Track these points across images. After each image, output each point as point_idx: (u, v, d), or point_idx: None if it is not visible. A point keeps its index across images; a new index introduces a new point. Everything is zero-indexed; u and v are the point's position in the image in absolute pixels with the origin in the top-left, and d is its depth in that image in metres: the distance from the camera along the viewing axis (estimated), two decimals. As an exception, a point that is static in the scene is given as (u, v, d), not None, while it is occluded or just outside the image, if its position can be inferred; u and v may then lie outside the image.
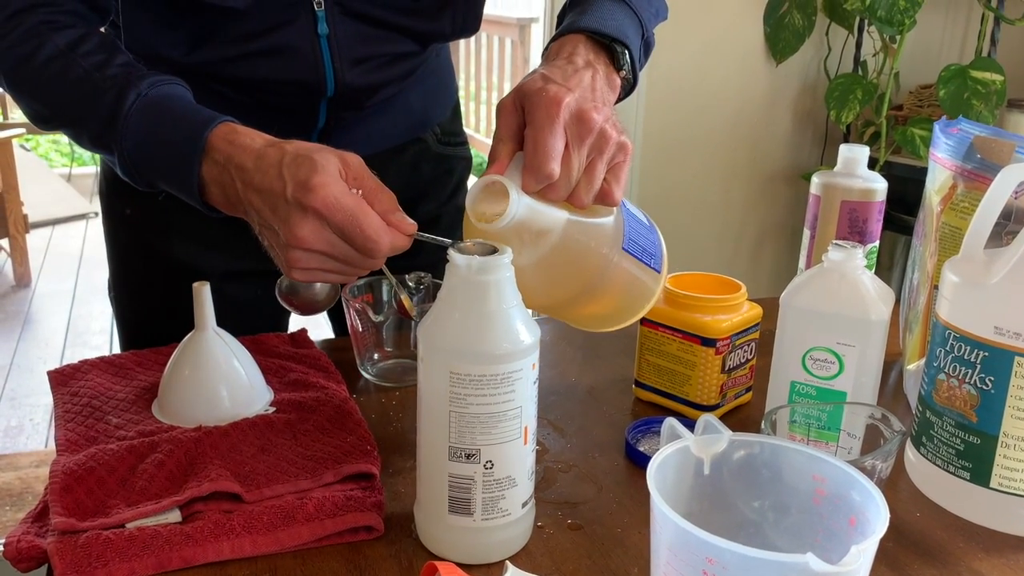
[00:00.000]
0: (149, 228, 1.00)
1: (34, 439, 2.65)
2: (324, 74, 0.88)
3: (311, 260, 0.66)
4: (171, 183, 0.74)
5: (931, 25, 2.50)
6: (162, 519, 0.65)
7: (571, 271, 0.70)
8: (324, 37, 0.86)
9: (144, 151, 0.74)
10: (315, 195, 0.63)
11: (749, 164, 2.50)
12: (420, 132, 1.06)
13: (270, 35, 0.85)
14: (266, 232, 0.69)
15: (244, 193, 0.68)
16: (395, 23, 0.90)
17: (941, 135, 0.88)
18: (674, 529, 0.49)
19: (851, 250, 0.75)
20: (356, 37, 0.88)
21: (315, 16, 0.85)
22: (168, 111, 0.74)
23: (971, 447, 0.70)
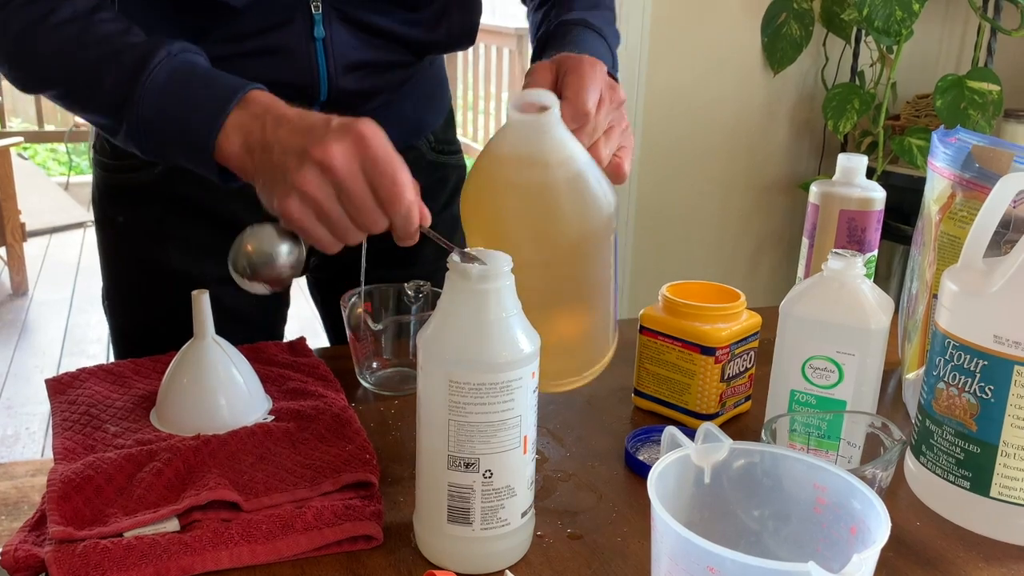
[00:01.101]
0: (143, 236, 1.00)
1: (30, 448, 2.64)
2: (318, 78, 0.88)
3: (322, 188, 0.64)
4: (187, 131, 0.71)
5: (928, 36, 2.52)
6: (160, 528, 0.64)
7: (575, 210, 0.68)
8: (320, 41, 0.87)
9: (167, 100, 0.72)
10: (363, 124, 0.64)
11: (747, 173, 2.51)
12: (414, 140, 1.06)
13: (265, 36, 0.86)
14: (284, 161, 0.65)
15: (273, 131, 0.67)
16: (392, 31, 0.91)
17: (939, 144, 0.88)
18: (675, 538, 0.49)
19: (851, 259, 0.75)
20: (352, 43, 0.89)
21: (312, 19, 0.86)
22: (202, 70, 0.74)
23: (971, 456, 0.70)
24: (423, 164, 1.07)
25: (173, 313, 0.98)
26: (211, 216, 0.98)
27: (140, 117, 0.73)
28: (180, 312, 0.98)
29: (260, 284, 0.69)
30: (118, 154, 0.99)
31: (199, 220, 0.98)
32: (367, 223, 0.66)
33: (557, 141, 0.67)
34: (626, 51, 2.28)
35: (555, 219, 0.69)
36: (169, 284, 0.98)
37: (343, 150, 0.64)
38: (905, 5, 2.08)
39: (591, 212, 0.69)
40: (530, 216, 0.69)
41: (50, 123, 5.58)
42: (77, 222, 4.73)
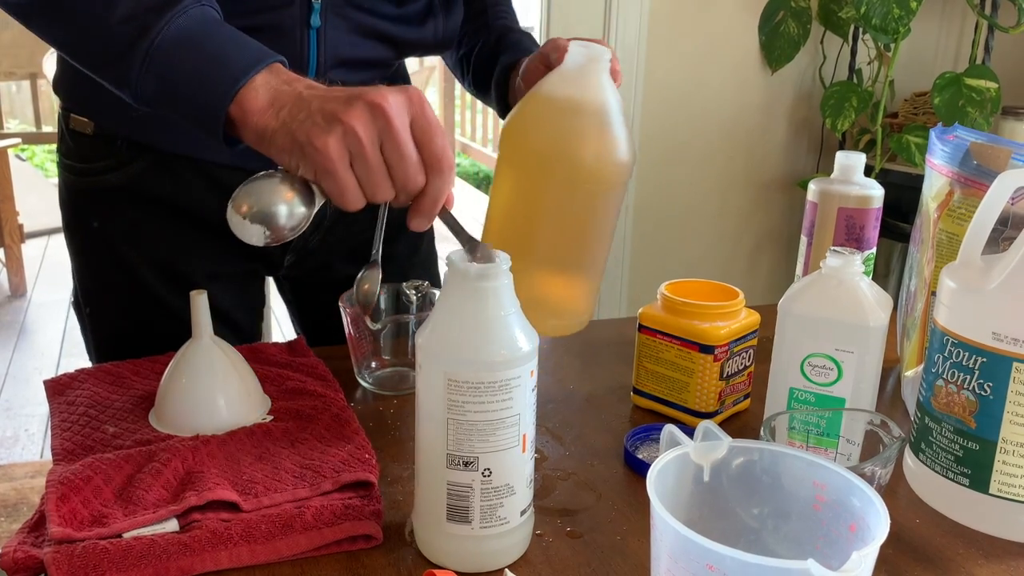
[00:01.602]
0: (118, 238, 0.98)
1: (29, 450, 2.63)
2: (307, 66, 0.89)
3: (369, 127, 0.61)
4: (206, 78, 0.66)
5: (925, 33, 2.51)
6: (159, 529, 0.64)
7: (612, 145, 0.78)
8: (314, 30, 0.87)
9: (189, 43, 0.67)
10: (412, 88, 0.64)
11: (745, 172, 2.51)
12: None
13: (262, 14, 0.85)
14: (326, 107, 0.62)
15: (308, 91, 0.64)
16: (382, 30, 0.92)
17: (937, 142, 0.88)
18: (674, 536, 0.49)
19: (849, 256, 0.75)
20: (343, 38, 0.90)
21: (310, 7, 0.86)
22: (230, 27, 0.70)
23: (970, 453, 0.70)
24: None
25: (152, 313, 0.99)
26: (186, 215, 0.98)
27: (153, 56, 0.67)
28: (159, 312, 0.99)
29: (258, 227, 0.64)
30: (87, 157, 0.97)
31: (174, 219, 0.98)
32: (406, 176, 0.63)
33: (606, 83, 0.77)
34: (623, 49, 2.28)
35: (595, 147, 0.77)
36: (146, 284, 0.98)
37: (399, 100, 0.62)
38: (903, 3, 2.08)
39: (623, 150, 0.78)
40: (573, 143, 0.76)
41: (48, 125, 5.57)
42: (75, 223, 4.71)
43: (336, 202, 0.64)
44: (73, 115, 0.97)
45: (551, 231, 0.79)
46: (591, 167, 0.77)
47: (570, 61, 0.77)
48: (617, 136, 0.78)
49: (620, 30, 2.26)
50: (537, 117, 0.78)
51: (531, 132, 0.78)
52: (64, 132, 0.99)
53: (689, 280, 0.91)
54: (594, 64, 0.77)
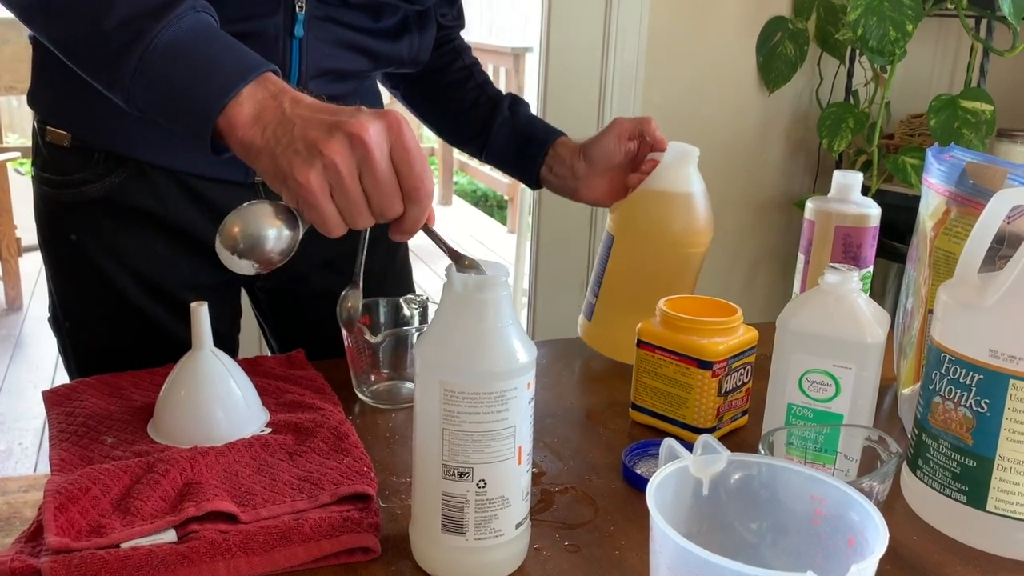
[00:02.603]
0: (97, 251, 0.98)
1: (23, 463, 2.62)
2: (289, 75, 0.90)
3: (348, 160, 0.63)
4: (195, 89, 0.68)
5: (921, 56, 2.54)
6: (157, 539, 0.64)
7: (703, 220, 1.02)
8: (297, 40, 0.89)
9: (184, 50, 0.69)
10: (391, 113, 0.64)
11: (742, 191, 2.52)
12: None
13: (248, 21, 0.86)
14: (307, 133, 0.64)
15: (292, 108, 0.66)
16: (360, 43, 0.95)
17: (934, 161, 0.89)
18: (674, 548, 0.49)
19: (847, 273, 0.76)
20: (325, 49, 0.92)
21: (294, 16, 0.88)
22: (226, 36, 0.71)
23: (967, 470, 0.71)
24: None
25: (132, 325, 0.99)
26: (164, 226, 0.98)
27: (146, 62, 0.68)
28: (139, 324, 0.99)
29: (247, 262, 0.65)
30: (64, 169, 0.97)
31: (152, 231, 0.98)
32: (384, 206, 0.65)
33: (693, 175, 1.01)
34: (622, 69, 2.30)
35: (683, 223, 1.00)
36: (126, 297, 0.98)
37: (376, 128, 0.63)
38: (899, 25, 2.10)
39: (704, 224, 1.01)
40: (667, 221, 1.00)
41: (47, 139, 5.59)
42: (72, 237, 4.71)
43: (319, 230, 0.66)
44: (49, 128, 0.97)
45: (652, 284, 1.00)
46: (679, 238, 1.00)
47: (668, 158, 1.01)
48: (700, 214, 1.00)
49: (618, 50, 2.28)
50: (642, 204, 1.01)
51: (638, 214, 1.01)
52: (40, 145, 0.99)
53: (688, 296, 0.92)
54: (685, 161, 1.00)
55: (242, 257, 0.65)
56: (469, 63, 1.16)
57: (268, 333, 1.19)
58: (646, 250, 1.01)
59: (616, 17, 2.25)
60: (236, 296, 1.11)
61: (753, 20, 2.41)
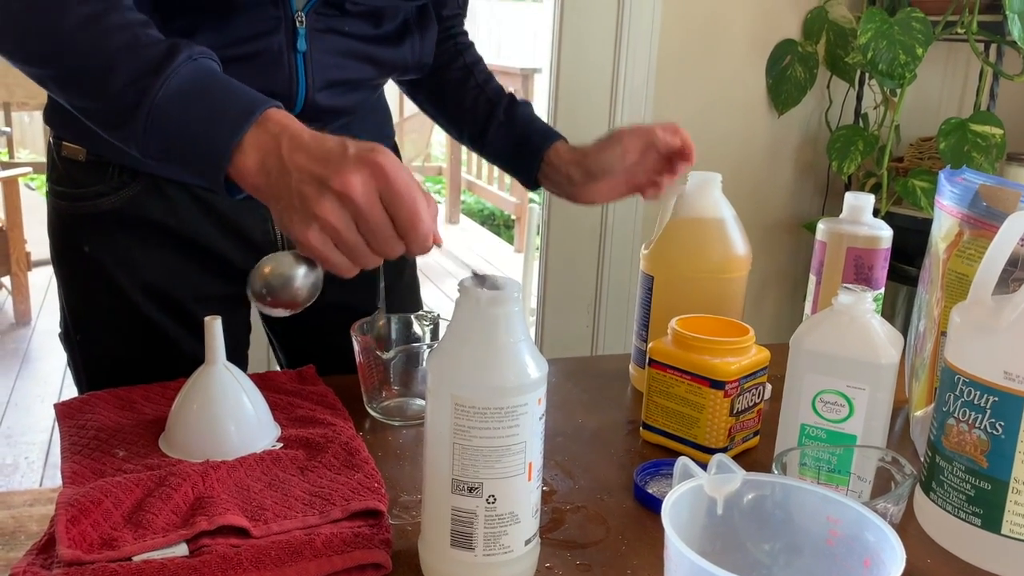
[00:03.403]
0: (110, 262, 0.98)
1: (29, 478, 2.62)
2: (296, 89, 0.92)
3: (341, 218, 0.66)
4: (201, 143, 0.71)
5: (931, 79, 2.54)
6: (169, 553, 0.64)
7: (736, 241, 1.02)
8: (301, 54, 0.91)
9: (185, 106, 0.71)
10: (380, 155, 0.66)
11: (751, 213, 2.52)
12: None
13: (252, 42, 0.88)
14: (302, 189, 0.66)
15: (289, 155, 0.68)
16: (363, 51, 0.96)
17: (946, 183, 0.89)
18: (689, 567, 0.49)
19: (861, 294, 0.76)
20: (329, 60, 0.93)
21: (295, 32, 0.90)
22: (222, 80, 0.73)
23: (982, 493, 0.70)
24: None
25: (143, 337, 1.00)
26: (177, 238, 0.99)
27: (153, 118, 0.71)
28: (150, 335, 1.00)
29: (279, 308, 0.71)
30: (79, 183, 0.98)
31: (165, 243, 0.99)
32: (385, 249, 0.68)
33: (719, 199, 1.02)
34: (632, 91, 2.31)
35: (720, 249, 1.00)
36: (137, 308, 0.99)
37: (363, 180, 0.65)
38: (908, 49, 2.11)
39: (739, 248, 1.02)
40: (712, 247, 1.00)
41: (58, 154, 5.62)
42: (82, 253, 4.73)
43: (334, 273, 0.70)
44: (65, 143, 0.98)
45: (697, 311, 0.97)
46: (719, 265, 1.00)
47: (691, 187, 1.01)
48: (735, 238, 1.01)
49: (629, 72, 2.29)
50: (676, 237, 1.01)
51: (672, 248, 1.01)
52: (55, 160, 1.00)
53: (700, 316, 0.91)
54: (709, 187, 1.01)
55: (271, 304, 0.70)
56: (470, 62, 1.15)
57: (278, 348, 1.19)
58: (687, 283, 0.99)
59: (626, 38, 2.27)
60: (245, 310, 1.11)
61: (763, 43, 2.42)
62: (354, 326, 0.92)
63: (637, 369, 1.05)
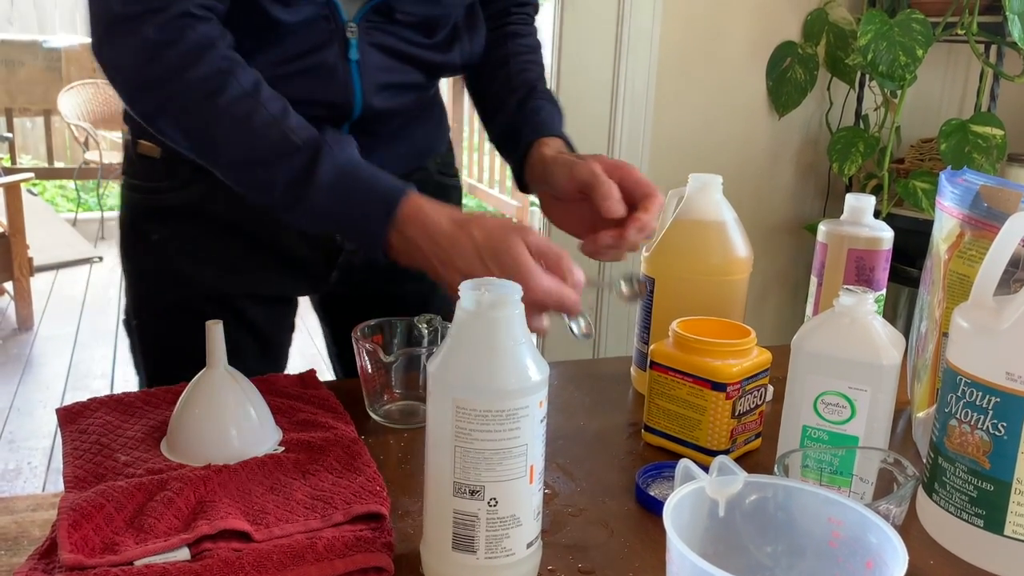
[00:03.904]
0: (177, 253, 1.04)
1: (32, 482, 2.62)
2: (353, 96, 0.95)
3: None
4: (354, 241, 0.86)
5: (931, 80, 2.55)
6: (171, 557, 0.64)
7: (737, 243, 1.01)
8: (354, 63, 0.93)
9: (331, 212, 0.83)
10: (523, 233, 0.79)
11: (752, 216, 2.52)
12: (423, 161, 1.14)
13: (308, 56, 0.92)
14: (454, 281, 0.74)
15: (444, 270, 0.80)
16: (414, 55, 0.98)
17: (947, 184, 0.89)
18: (692, 570, 0.49)
19: (862, 295, 0.76)
20: (382, 66, 0.96)
21: (347, 42, 0.92)
22: (356, 180, 0.83)
23: (984, 494, 0.70)
24: (430, 184, 1.14)
25: (190, 327, 1.01)
26: (245, 235, 1.03)
27: (307, 215, 0.84)
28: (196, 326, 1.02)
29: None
30: (153, 178, 1.04)
31: (233, 238, 1.04)
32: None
33: (720, 201, 1.01)
34: (632, 94, 2.31)
35: (720, 251, 1.00)
36: (200, 299, 1.03)
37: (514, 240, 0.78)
38: (908, 50, 2.11)
39: (740, 250, 1.01)
40: (704, 251, 0.99)
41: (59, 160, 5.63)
42: (84, 258, 4.75)
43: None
44: (141, 141, 1.04)
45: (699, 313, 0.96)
46: (720, 267, 1.00)
47: (691, 190, 1.01)
48: (736, 240, 1.00)
49: (629, 75, 2.30)
50: (676, 239, 1.00)
51: (673, 251, 1.00)
52: (132, 157, 1.06)
53: (701, 318, 0.91)
54: (709, 189, 1.00)
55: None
56: (512, 51, 1.08)
57: (331, 340, 1.24)
58: (688, 286, 0.99)
59: (626, 42, 2.27)
60: (293, 311, 1.16)
61: (763, 45, 2.43)
62: (355, 329, 0.92)
63: (638, 371, 1.05)
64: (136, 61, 0.83)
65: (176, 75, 0.82)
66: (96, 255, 4.82)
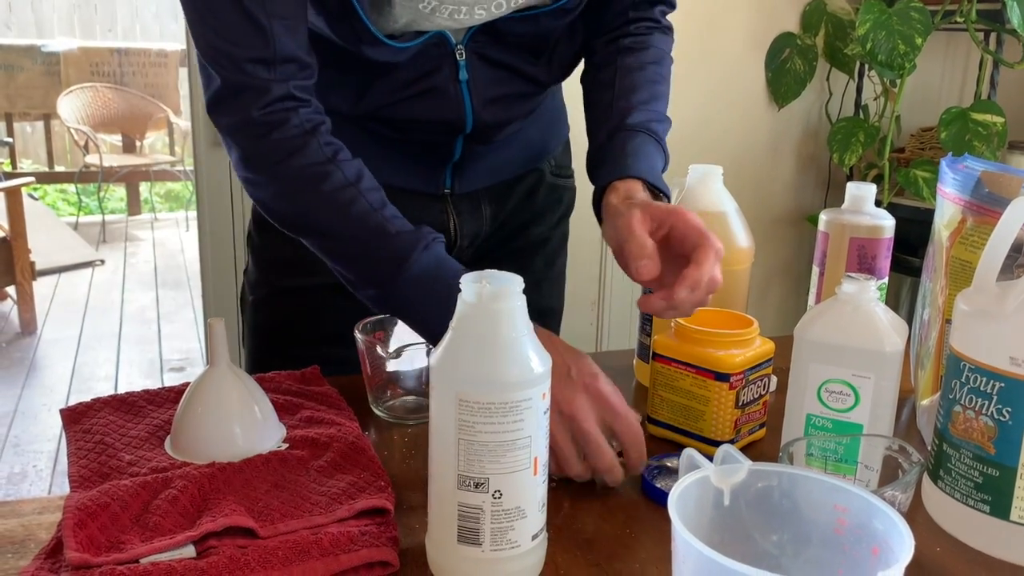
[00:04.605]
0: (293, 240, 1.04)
1: (38, 486, 2.63)
2: (464, 113, 0.97)
3: (561, 430, 0.76)
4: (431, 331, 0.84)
5: (931, 69, 2.54)
6: (176, 555, 0.64)
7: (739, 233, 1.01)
8: (464, 82, 0.95)
9: (419, 301, 0.84)
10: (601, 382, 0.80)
11: (753, 207, 2.52)
12: (538, 163, 1.15)
13: (421, 81, 0.94)
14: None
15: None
16: (518, 68, 0.99)
17: (948, 171, 0.89)
18: (697, 558, 0.49)
19: (864, 282, 0.76)
20: (489, 81, 0.97)
21: (457, 64, 0.94)
22: (444, 277, 0.82)
23: (989, 480, 0.70)
24: (544, 185, 1.16)
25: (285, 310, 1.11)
26: None
27: (392, 303, 0.86)
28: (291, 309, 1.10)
29: None
30: None
31: None
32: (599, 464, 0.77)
33: (721, 191, 1.01)
34: (632, 87, 2.31)
35: (730, 241, 0.96)
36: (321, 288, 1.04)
37: (589, 405, 0.77)
38: (907, 39, 2.11)
39: (742, 241, 1.00)
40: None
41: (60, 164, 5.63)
42: (86, 261, 4.75)
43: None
44: None
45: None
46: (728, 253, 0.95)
47: (692, 179, 1.00)
48: (737, 231, 1.00)
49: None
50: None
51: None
52: None
53: (703, 309, 0.91)
54: (709, 180, 1.00)
55: None
56: (620, 72, 0.98)
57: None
58: None
59: (625, 35, 2.26)
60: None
61: (761, 36, 2.42)
62: (357, 326, 0.92)
63: (641, 364, 1.04)
64: (245, 139, 0.86)
65: (283, 159, 0.84)
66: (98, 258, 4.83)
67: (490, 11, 0.90)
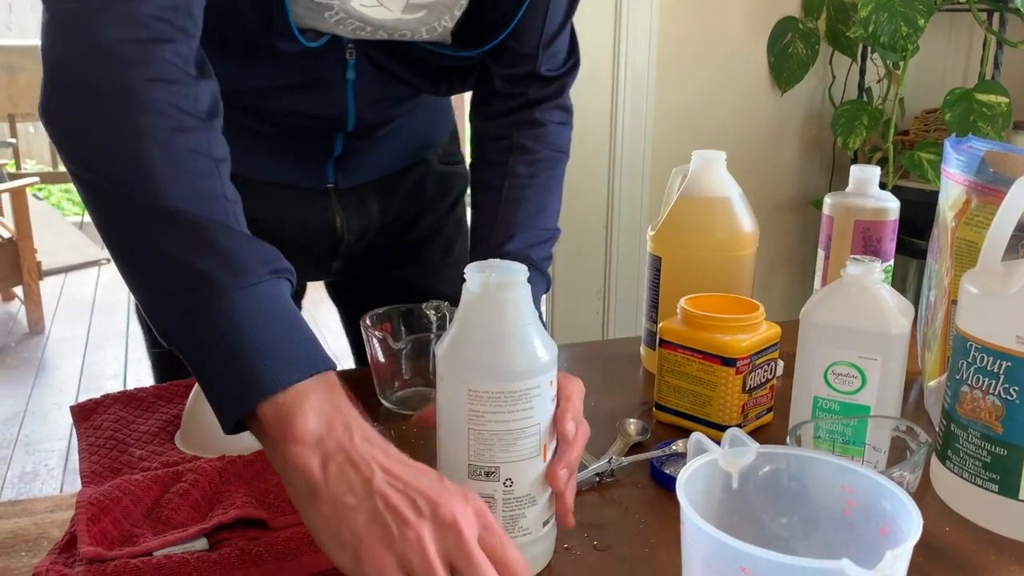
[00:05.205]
0: None
1: (49, 484, 2.64)
2: (347, 111, 0.94)
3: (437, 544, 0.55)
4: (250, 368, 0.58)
5: (934, 50, 2.53)
6: (189, 547, 0.64)
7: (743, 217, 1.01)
8: (351, 82, 0.93)
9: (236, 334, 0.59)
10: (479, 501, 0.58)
11: (757, 193, 2.51)
12: (424, 154, 1.13)
13: (305, 73, 0.91)
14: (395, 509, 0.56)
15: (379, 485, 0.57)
16: (407, 80, 0.97)
17: (952, 151, 0.89)
18: (707, 540, 0.49)
19: (869, 264, 0.75)
20: (376, 83, 0.95)
21: (345, 63, 0.92)
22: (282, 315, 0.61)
23: (998, 459, 0.70)
24: (432, 175, 1.13)
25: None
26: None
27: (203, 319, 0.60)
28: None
29: None
30: None
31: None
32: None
33: (724, 176, 1.01)
34: (633, 72, 2.30)
35: (726, 226, 1.00)
36: None
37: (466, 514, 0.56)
38: (910, 20, 2.09)
39: (746, 225, 1.01)
40: (719, 225, 1.00)
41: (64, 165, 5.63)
42: (92, 260, 4.76)
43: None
44: None
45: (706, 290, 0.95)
46: (726, 243, 1.00)
47: (696, 165, 1.01)
48: (741, 216, 1.00)
49: (630, 52, 2.29)
50: (682, 217, 1.00)
51: (680, 228, 1.00)
52: None
53: (708, 295, 0.91)
54: (713, 165, 1.00)
55: None
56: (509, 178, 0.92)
57: (346, 325, 1.22)
58: (695, 262, 0.99)
59: (626, 21, 2.26)
60: (299, 297, 1.16)
61: (763, 21, 2.41)
62: (364, 318, 0.92)
63: (648, 350, 1.05)
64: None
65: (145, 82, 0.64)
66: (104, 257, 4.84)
67: (392, 38, 0.88)
